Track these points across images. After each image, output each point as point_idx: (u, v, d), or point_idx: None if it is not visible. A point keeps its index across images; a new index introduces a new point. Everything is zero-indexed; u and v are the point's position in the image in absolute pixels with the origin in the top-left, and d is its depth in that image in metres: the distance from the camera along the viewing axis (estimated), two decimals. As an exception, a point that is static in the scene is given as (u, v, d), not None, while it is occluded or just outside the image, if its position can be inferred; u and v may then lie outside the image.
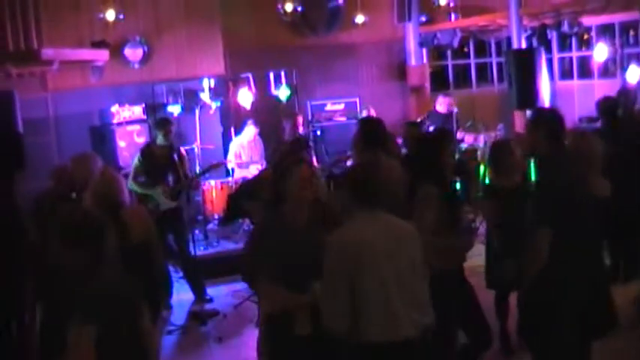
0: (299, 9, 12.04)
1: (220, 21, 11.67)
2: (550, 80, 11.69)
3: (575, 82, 14.69)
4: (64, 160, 7.69)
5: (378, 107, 12.72)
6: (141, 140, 10.68)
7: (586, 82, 14.36)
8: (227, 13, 11.76)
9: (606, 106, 7.77)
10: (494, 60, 15.45)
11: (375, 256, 3.93)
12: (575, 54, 14.81)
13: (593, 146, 5.63)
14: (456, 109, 11.19)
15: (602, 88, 14.09)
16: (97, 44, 10.07)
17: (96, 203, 5.23)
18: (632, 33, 13.71)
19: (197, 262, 8.58)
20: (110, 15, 9.54)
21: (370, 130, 5.98)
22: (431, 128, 10.56)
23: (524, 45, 11.40)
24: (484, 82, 15.47)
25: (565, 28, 11.01)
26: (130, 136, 10.58)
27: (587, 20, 12.19)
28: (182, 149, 8.93)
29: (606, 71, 14.51)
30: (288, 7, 11.98)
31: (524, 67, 10.48)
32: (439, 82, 14.70)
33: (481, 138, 11.43)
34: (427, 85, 13.78)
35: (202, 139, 10.65)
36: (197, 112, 10.74)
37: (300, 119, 10.20)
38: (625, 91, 6.75)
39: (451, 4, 13.05)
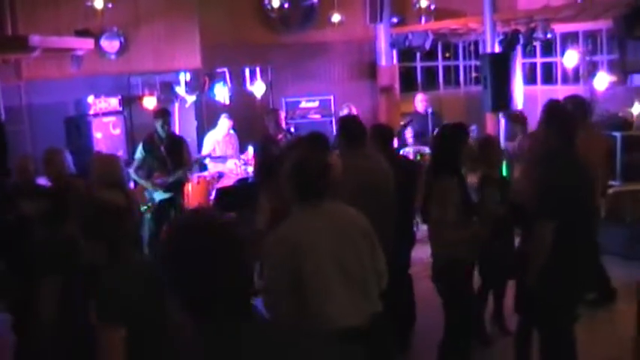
0: (286, 5, 12.07)
1: (198, 15, 11.62)
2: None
3: (539, 88, 15.00)
4: (38, 150, 7.67)
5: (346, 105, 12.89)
6: (117, 132, 10.66)
7: (550, 87, 14.68)
8: (204, 7, 11.72)
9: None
10: (461, 63, 15.71)
11: (315, 249, 3.91)
12: (539, 60, 15.15)
13: None
14: (431, 109, 11.33)
15: (565, 94, 14.45)
16: (81, 33, 9.95)
17: (102, 183, 5.26)
18: (599, 40, 14.10)
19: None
20: (99, 3, 9.42)
21: (351, 128, 6.05)
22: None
23: (497, 49, 11.60)
24: (451, 84, 15.72)
25: (539, 34, 11.25)
26: (106, 127, 10.53)
27: (556, 28, 12.46)
28: (181, 138, 9.08)
29: (569, 78, 14.90)
30: (275, 3, 12.01)
31: (499, 70, 10.73)
32: (407, 83, 14.88)
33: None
34: (397, 85, 13.94)
35: (179, 132, 10.63)
36: (176, 105, 10.72)
37: (282, 114, 10.21)
38: (574, 100, 6.86)
39: (431, 7, 13.21)
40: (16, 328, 5.51)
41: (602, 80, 11.67)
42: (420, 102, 11.73)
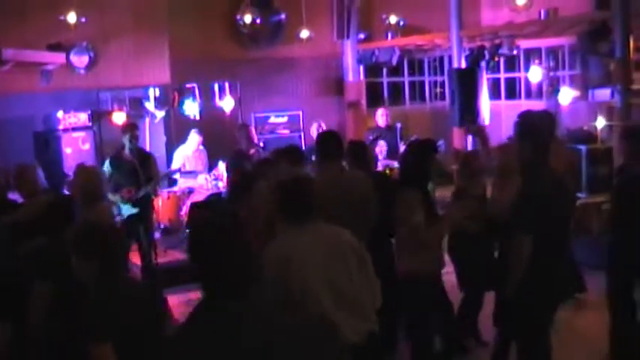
0: (257, 20, 12.12)
1: (168, 30, 11.62)
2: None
3: (503, 103, 15.25)
4: (6, 165, 7.60)
5: (312, 121, 12.97)
6: (86, 147, 10.60)
7: (513, 102, 14.93)
8: (174, 22, 11.72)
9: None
10: (426, 78, 15.91)
11: (302, 269, 3.94)
12: (503, 75, 15.41)
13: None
14: (399, 124, 11.47)
15: (529, 109, 14.69)
16: (53, 47, 9.90)
17: (82, 197, 5.26)
18: (560, 56, 14.41)
19: (157, 271, 8.60)
20: (71, 17, 9.33)
21: (329, 142, 6.12)
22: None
23: (463, 65, 11.79)
24: (417, 99, 15.90)
25: (504, 50, 11.47)
26: (76, 142, 10.46)
27: (520, 44, 12.71)
28: (149, 153, 9.05)
29: (533, 93, 15.19)
30: (247, 19, 12.06)
31: (466, 85, 10.92)
32: (374, 98, 15.02)
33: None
34: (363, 101, 14.08)
35: (149, 147, 10.62)
36: (147, 120, 10.72)
37: (253, 129, 10.24)
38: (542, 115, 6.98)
39: (401, 23, 13.37)
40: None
41: (566, 95, 11.91)
42: (381, 116, 11.90)
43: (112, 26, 11.10)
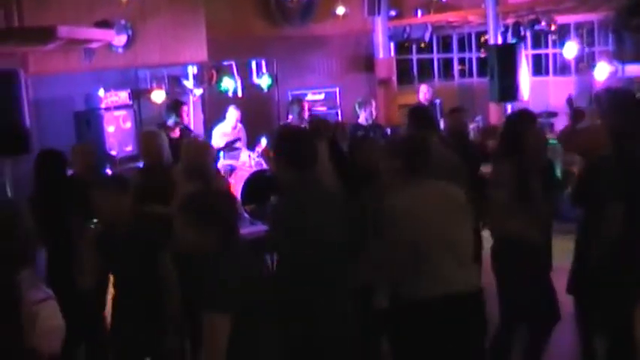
0: None
1: (203, 7, 11.55)
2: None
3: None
4: (46, 145, 7.56)
5: (347, 99, 12.95)
6: (127, 126, 10.57)
7: (541, 78, 14.92)
8: (210, 1, 11.66)
9: None
10: (455, 55, 15.88)
11: (428, 219, 4.27)
12: (530, 52, 15.37)
13: None
14: (438, 100, 11.45)
15: (557, 85, 14.73)
16: (100, 24, 9.84)
17: (188, 174, 5.23)
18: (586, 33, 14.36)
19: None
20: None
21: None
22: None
23: (500, 40, 11.73)
24: (445, 76, 15.89)
25: (542, 26, 11.42)
26: (117, 121, 10.42)
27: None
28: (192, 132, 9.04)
29: (559, 69, 15.17)
30: None
31: (505, 61, 10.84)
32: (403, 75, 14.99)
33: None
34: (394, 77, 14.03)
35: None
36: (191, 98, 10.69)
37: (306, 104, 10.21)
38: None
39: None
40: None
41: (603, 70, 11.87)
42: (423, 93, 11.92)
43: (149, 4, 11.01)
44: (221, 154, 10.46)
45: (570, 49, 12.58)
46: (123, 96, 10.58)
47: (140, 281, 4.63)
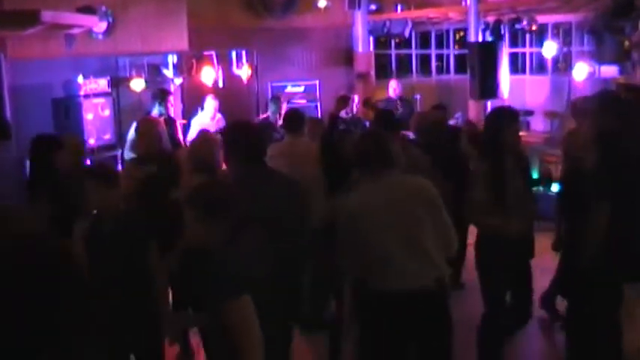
0: None
1: (185, -3, 11.46)
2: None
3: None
4: (22, 132, 7.44)
5: (326, 92, 12.94)
6: (106, 114, 10.45)
7: (517, 77, 14.99)
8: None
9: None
10: (433, 51, 15.91)
11: (372, 218, 4.30)
12: (507, 50, 15.42)
13: None
14: (418, 96, 11.48)
15: (535, 84, 14.85)
16: (83, 10, 9.70)
17: (194, 166, 5.19)
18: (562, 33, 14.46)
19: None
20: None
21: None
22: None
23: (480, 38, 11.77)
24: (424, 72, 15.92)
25: (523, 24, 11.50)
26: (96, 109, 10.29)
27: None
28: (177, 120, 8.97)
29: (537, 68, 15.28)
30: None
31: (486, 59, 10.91)
32: (382, 70, 15.00)
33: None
34: (373, 72, 14.03)
35: (165, 114, 10.49)
36: (172, 88, 10.60)
37: (284, 104, 10.18)
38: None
39: None
40: None
41: (581, 71, 11.98)
42: (392, 88, 11.99)
43: (130, -9, 10.90)
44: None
45: (549, 49, 12.68)
46: (102, 84, 10.44)
47: (126, 277, 4.56)
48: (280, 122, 9.85)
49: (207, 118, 10.52)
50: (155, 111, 9.25)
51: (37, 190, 5.61)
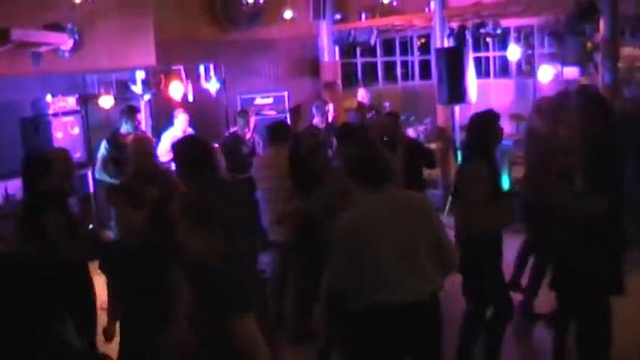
0: (261, 0, 11.96)
1: (152, 12, 11.38)
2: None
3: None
4: None
5: (294, 103, 13.00)
6: (75, 132, 10.36)
7: (483, 80, 15.17)
8: (157, 3, 11.50)
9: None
10: (398, 58, 16.03)
11: (373, 232, 4.27)
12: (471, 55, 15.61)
13: None
14: (387, 103, 11.57)
15: (499, 87, 15.04)
16: (51, 27, 9.60)
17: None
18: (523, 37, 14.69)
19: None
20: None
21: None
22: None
23: (445, 44, 11.88)
24: (388, 79, 16.03)
25: (488, 29, 11.64)
26: (65, 127, 10.20)
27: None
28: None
29: (500, 71, 15.50)
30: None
31: (453, 64, 11.02)
32: (348, 78, 15.09)
33: (419, 131, 11.91)
34: (339, 81, 14.10)
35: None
36: (142, 104, 10.55)
37: (252, 118, 10.20)
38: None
39: (394, 3, 13.39)
40: None
41: (546, 73, 12.17)
42: (360, 96, 12.14)
43: (96, 8, 10.77)
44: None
45: (513, 52, 12.86)
46: (71, 101, 10.34)
47: (148, 294, 4.53)
48: (249, 135, 9.92)
49: (178, 131, 10.46)
50: (124, 128, 9.22)
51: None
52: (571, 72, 13.46)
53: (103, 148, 9.24)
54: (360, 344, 4.56)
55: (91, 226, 8.47)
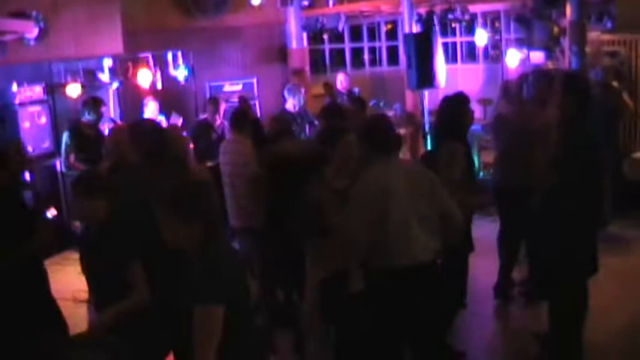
0: None
1: (119, 0, 11.22)
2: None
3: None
4: None
5: (263, 90, 12.94)
6: (42, 121, 10.23)
7: (451, 66, 15.22)
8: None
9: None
10: (365, 45, 16.03)
11: (396, 192, 4.60)
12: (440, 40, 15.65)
13: None
14: (357, 89, 11.58)
15: (466, 72, 15.10)
16: (16, 15, 9.42)
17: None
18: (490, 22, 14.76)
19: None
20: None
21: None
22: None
23: (414, 30, 11.90)
24: (357, 65, 16.02)
25: (457, 14, 11.68)
26: (32, 117, 10.06)
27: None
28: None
29: (467, 56, 15.56)
30: None
31: (422, 50, 11.03)
32: (316, 65, 15.05)
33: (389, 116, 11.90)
34: (307, 68, 14.04)
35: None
36: (110, 92, 10.44)
37: (222, 105, 10.15)
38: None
39: None
40: None
41: (513, 57, 12.26)
42: (340, 82, 12.10)
43: (62, -5, 10.60)
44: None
45: (481, 37, 12.92)
46: (37, 91, 10.20)
47: (108, 287, 4.48)
48: (219, 122, 9.89)
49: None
50: (86, 118, 9.17)
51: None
52: (537, 57, 13.54)
53: (65, 138, 9.20)
54: (376, 312, 4.68)
55: (50, 214, 8.45)
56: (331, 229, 4.74)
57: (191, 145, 7.64)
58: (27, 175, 8.46)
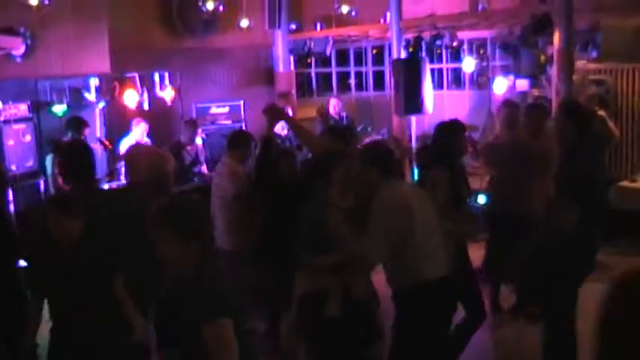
0: (220, 8, 11.77)
1: (106, 18, 11.15)
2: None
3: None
4: None
5: (248, 112, 12.89)
6: (27, 139, 10.12)
7: (437, 92, 15.27)
8: (112, 9, 11.27)
9: None
10: (352, 69, 16.06)
11: (417, 211, 4.74)
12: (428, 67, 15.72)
13: None
14: (345, 113, 11.58)
15: (452, 98, 15.15)
16: (3, 31, 9.34)
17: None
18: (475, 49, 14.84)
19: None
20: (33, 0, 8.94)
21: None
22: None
23: (402, 55, 11.92)
24: (343, 90, 16.03)
25: (446, 41, 11.73)
26: (17, 135, 9.95)
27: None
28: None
29: (453, 83, 15.63)
30: (210, 6, 11.70)
31: (410, 75, 11.07)
32: (302, 89, 15.05)
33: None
34: (294, 91, 14.04)
35: (88, 139, 10.19)
36: (97, 111, 10.37)
37: (199, 130, 10.15)
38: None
39: (353, 13, 13.35)
40: None
41: (501, 85, 12.32)
42: (332, 106, 12.12)
43: (50, 12, 10.48)
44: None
45: (468, 64, 12.97)
46: (22, 108, 10.10)
47: (88, 307, 4.39)
48: (191, 146, 9.92)
49: (135, 140, 10.32)
50: (68, 137, 9.09)
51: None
52: (523, 84, 13.61)
53: (50, 162, 9.12)
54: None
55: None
56: (334, 243, 4.74)
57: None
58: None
